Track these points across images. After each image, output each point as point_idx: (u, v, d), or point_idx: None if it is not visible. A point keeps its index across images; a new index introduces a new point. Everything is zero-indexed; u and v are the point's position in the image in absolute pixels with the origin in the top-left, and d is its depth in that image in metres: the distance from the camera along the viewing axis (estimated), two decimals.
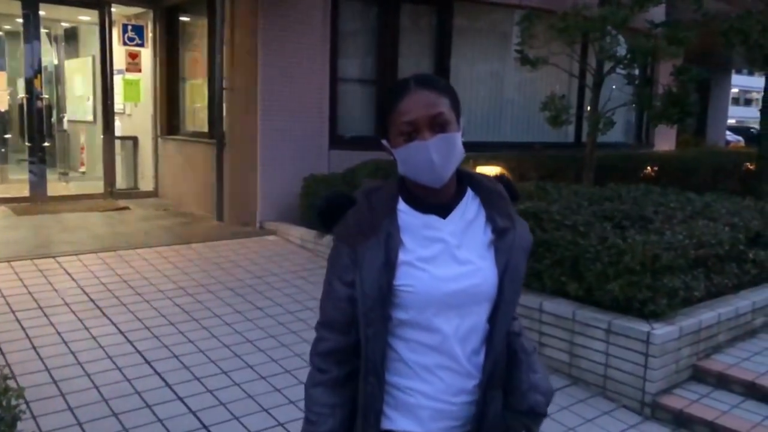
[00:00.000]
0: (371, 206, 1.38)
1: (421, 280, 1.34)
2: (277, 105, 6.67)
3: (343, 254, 1.38)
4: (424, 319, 1.36)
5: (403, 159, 1.36)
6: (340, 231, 1.40)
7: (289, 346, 4.07)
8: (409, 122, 1.33)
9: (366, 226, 1.35)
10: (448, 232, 1.38)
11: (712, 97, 15.66)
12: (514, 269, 1.40)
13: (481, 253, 1.40)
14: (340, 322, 1.41)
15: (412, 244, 1.36)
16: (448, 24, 7.76)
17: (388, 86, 7.35)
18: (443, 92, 1.36)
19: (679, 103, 5.85)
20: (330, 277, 1.42)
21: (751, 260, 4.54)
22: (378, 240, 1.34)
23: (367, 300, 1.34)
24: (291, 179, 6.61)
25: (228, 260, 5.66)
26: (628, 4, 6.11)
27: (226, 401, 3.36)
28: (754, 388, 3.60)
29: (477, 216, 1.42)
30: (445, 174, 1.35)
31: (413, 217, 1.38)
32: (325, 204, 1.44)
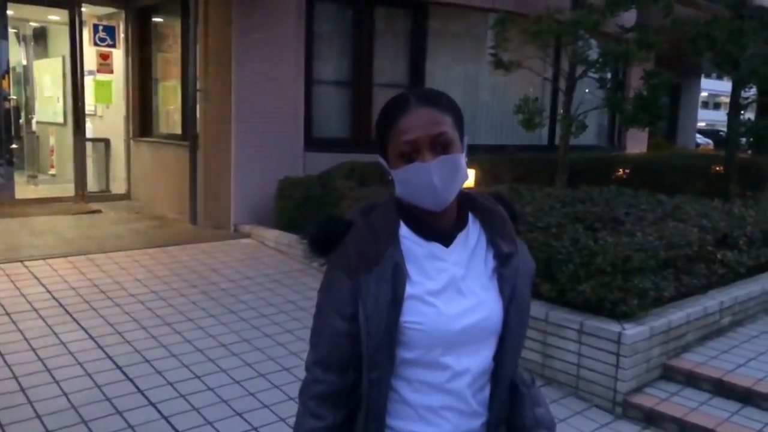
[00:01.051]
0: (373, 231, 1.25)
1: (430, 316, 1.22)
2: (251, 107, 6.63)
3: (341, 285, 1.24)
4: (431, 358, 1.24)
5: (402, 181, 1.25)
6: (338, 259, 1.26)
7: (263, 349, 4.04)
8: (409, 142, 1.22)
9: (369, 255, 1.22)
10: (452, 262, 1.27)
11: (682, 101, 15.96)
12: (520, 298, 1.30)
13: (484, 284, 1.29)
14: (337, 361, 1.26)
15: (418, 275, 1.24)
16: (422, 27, 7.79)
17: (361, 91, 7.43)
18: (446, 110, 1.25)
19: (649, 107, 5.95)
20: (325, 310, 1.27)
21: (719, 261, 4.63)
22: (383, 271, 1.21)
23: (373, 341, 1.21)
24: (266, 181, 6.57)
25: (202, 263, 5.61)
26: (599, 8, 6.20)
27: (199, 406, 3.32)
28: (721, 386, 3.67)
29: (478, 242, 1.31)
30: (447, 198, 1.25)
31: (417, 244, 1.27)
32: (319, 230, 1.30)
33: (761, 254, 5.07)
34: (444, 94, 1.30)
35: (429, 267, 1.25)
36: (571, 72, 6.32)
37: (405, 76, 7.81)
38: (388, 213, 1.29)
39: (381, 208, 1.30)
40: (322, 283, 1.31)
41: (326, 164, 6.59)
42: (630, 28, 6.27)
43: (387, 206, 1.30)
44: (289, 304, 4.80)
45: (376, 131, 1.30)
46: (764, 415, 3.45)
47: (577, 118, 6.28)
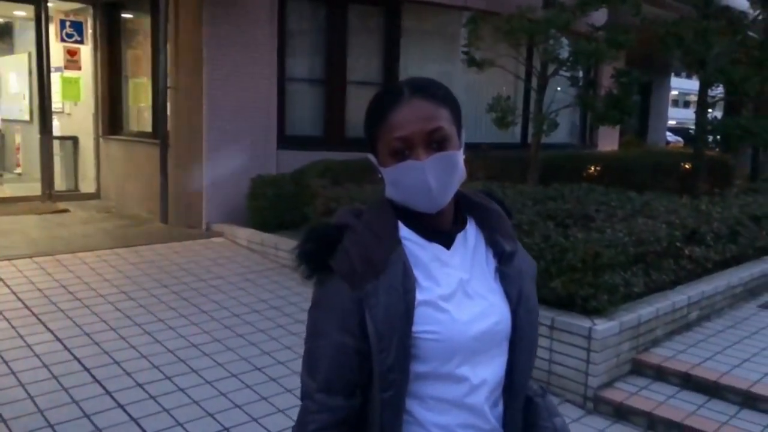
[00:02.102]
0: (374, 233, 1.13)
1: (444, 324, 1.11)
2: (223, 104, 6.56)
3: (343, 296, 1.10)
4: (446, 370, 1.12)
5: (394, 181, 1.14)
6: (338, 267, 1.11)
7: (235, 349, 4.00)
8: (402, 138, 1.11)
9: (375, 260, 1.10)
10: (457, 265, 1.17)
11: (652, 99, 16.20)
12: (527, 299, 1.21)
13: (490, 286, 1.19)
14: (344, 384, 1.11)
15: (426, 280, 1.13)
16: (396, 25, 7.78)
17: (335, 89, 7.40)
18: (442, 102, 1.15)
19: (619, 105, 6.03)
20: (324, 327, 1.12)
21: (687, 256, 4.72)
22: (392, 277, 1.09)
23: (388, 357, 1.08)
24: (238, 180, 6.51)
25: (173, 263, 5.53)
26: (570, 7, 6.26)
27: (169, 407, 3.28)
28: (689, 379, 3.73)
29: (477, 242, 1.21)
30: (443, 200, 1.15)
31: (420, 246, 1.16)
32: (310, 241, 1.15)
33: (727, 249, 5.18)
34: (441, 85, 1.18)
35: (436, 270, 1.15)
36: (543, 70, 6.38)
37: (379, 74, 7.80)
38: (385, 213, 1.17)
39: (375, 209, 1.18)
40: (315, 297, 1.16)
41: (300, 162, 6.56)
42: (600, 27, 6.34)
43: (381, 206, 1.18)
44: (261, 304, 4.76)
45: (366, 125, 1.19)
46: (730, 408, 3.52)
47: (549, 116, 6.34)
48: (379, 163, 1.17)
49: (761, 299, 5.30)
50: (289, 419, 3.24)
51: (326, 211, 5.34)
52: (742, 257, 5.46)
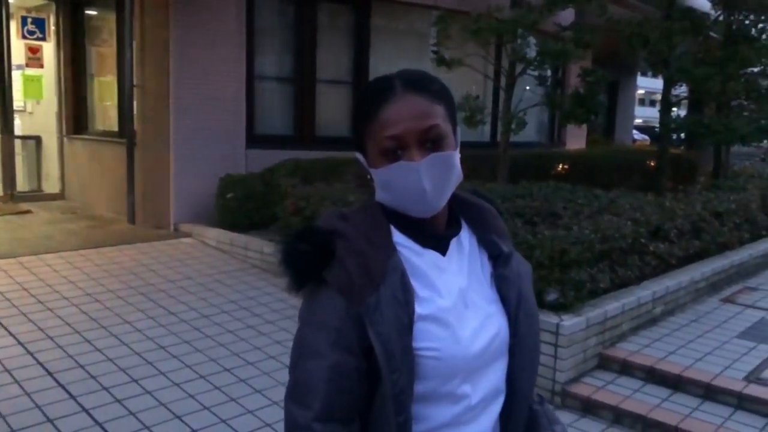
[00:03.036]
0: (368, 240, 1.03)
1: (445, 340, 1.02)
2: (190, 103, 6.48)
3: (339, 312, 0.99)
4: (446, 390, 1.03)
5: (384, 183, 1.05)
6: (332, 279, 1.00)
7: (204, 351, 3.95)
8: (393, 137, 1.02)
9: (373, 268, 1.00)
10: (454, 273, 1.08)
11: (619, 98, 16.48)
12: (526, 302, 1.12)
13: (487, 294, 1.11)
14: (343, 410, 1.00)
15: (424, 290, 1.04)
16: (366, 23, 7.78)
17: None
18: (437, 97, 1.06)
19: (586, 104, 6.12)
20: (318, 346, 1.00)
21: (652, 252, 4.81)
22: (393, 288, 1.00)
23: (400, 377, 0.98)
24: (206, 179, 6.43)
25: (140, 264, 5.45)
26: (538, 7, 6.33)
27: (136, 410, 3.23)
28: (653, 373, 3.81)
29: (471, 244, 1.13)
30: (438, 204, 1.06)
31: (415, 254, 1.07)
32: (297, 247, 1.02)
33: (690, 245, 5.29)
34: (436, 79, 1.09)
35: (435, 280, 1.05)
36: (511, 70, 6.43)
37: (348, 73, 7.78)
38: (375, 217, 1.07)
39: (363, 212, 1.08)
40: (305, 314, 1.04)
41: (269, 161, 6.51)
42: (567, 27, 6.42)
43: (371, 210, 1.08)
44: (231, 305, 4.72)
45: (354, 121, 1.11)
46: (692, 400, 3.60)
47: (517, 115, 6.40)
48: (369, 164, 1.08)
49: (723, 293, 5.44)
50: (259, 420, 3.22)
51: (296, 211, 5.32)
52: (705, 253, 5.59)
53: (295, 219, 5.32)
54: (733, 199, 6.45)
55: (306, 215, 5.21)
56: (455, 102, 1.13)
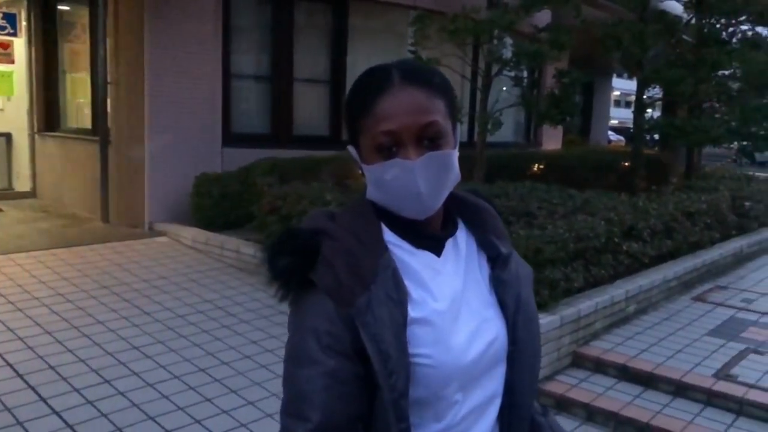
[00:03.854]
0: (357, 237, 0.97)
1: (439, 347, 0.95)
2: (165, 100, 6.41)
3: (330, 314, 0.93)
4: (437, 398, 0.97)
5: (377, 181, 0.99)
6: (320, 281, 0.94)
7: (178, 351, 3.91)
8: (389, 132, 0.96)
9: (363, 268, 0.94)
10: (450, 274, 1.02)
11: (595, 99, 16.67)
12: (526, 306, 1.06)
13: (484, 299, 1.05)
14: (345, 419, 0.92)
15: (417, 291, 0.98)
16: (343, 22, 7.76)
17: (281, 86, 7.32)
18: (438, 92, 0.99)
19: (561, 105, 6.18)
20: (311, 353, 0.92)
21: (625, 252, 4.88)
22: (385, 286, 0.94)
23: (399, 380, 0.91)
24: (182, 178, 6.37)
25: (114, 263, 5.37)
26: (514, 8, 6.37)
27: (107, 412, 3.18)
28: (626, 371, 3.86)
29: (469, 247, 1.07)
30: (433, 205, 1.00)
31: (408, 253, 1.01)
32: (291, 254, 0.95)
33: (663, 245, 5.38)
34: (437, 71, 1.03)
35: (429, 281, 0.99)
36: (487, 70, 6.47)
37: (326, 72, 7.76)
38: (365, 215, 1.01)
39: (352, 211, 1.03)
40: (294, 320, 0.98)
41: (246, 160, 6.46)
42: (543, 29, 6.48)
43: (360, 206, 1.03)
44: (206, 304, 4.68)
45: (346, 113, 1.03)
46: (664, 397, 3.66)
47: (494, 115, 6.44)
48: (361, 159, 1.02)
49: (694, 292, 5.54)
50: (234, 420, 3.19)
51: (272, 210, 5.29)
52: (677, 252, 5.69)
53: (271, 218, 5.30)
54: (704, 200, 6.57)
55: (282, 214, 5.19)
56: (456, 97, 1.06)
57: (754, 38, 8.13)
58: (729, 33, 8.33)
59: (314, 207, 4.99)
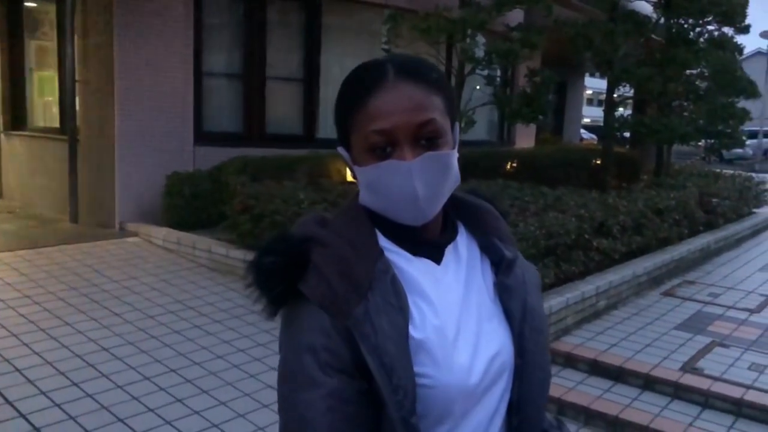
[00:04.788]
0: (351, 243, 0.90)
1: (441, 366, 0.87)
2: (135, 99, 6.32)
3: (325, 328, 0.85)
4: (441, 419, 0.89)
5: (371, 184, 0.92)
6: (315, 291, 0.86)
7: (149, 352, 3.87)
8: (383, 131, 0.88)
9: (358, 276, 0.87)
10: (451, 283, 0.95)
11: (567, 98, 16.86)
12: (533, 314, 0.98)
13: (488, 308, 0.97)
14: None
15: (416, 305, 0.90)
16: (316, 20, 7.73)
17: (253, 84, 7.28)
18: (435, 88, 0.92)
19: (533, 103, 6.25)
20: (310, 373, 0.84)
21: (596, 248, 4.95)
22: (384, 292, 0.87)
23: (406, 396, 0.84)
24: (153, 177, 6.29)
25: (83, 264, 5.29)
26: (487, 7, 6.41)
27: (76, 414, 3.13)
28: (596, 365, 3.92)
29: (470, 252, 1.00)
30: (431, 210, 0.92)
31: (405, 261, 0.93)
32: (270, 257, 0.88)
33: (633, 241, 5.47)
34: (434, 66, 0.96)
35: (429, 291, 0.92)
36: (461, 69, 6.51)
37: (299, 70, 7.73)
38: (358, 218, 0.94)
39: (344, 215, 0.96)
40: (284, 340, 0.90)
41: (218, 159, 6.41)
42: (514, 28, 6.53)
43: (352, 211, 0.96)
44: (177, 305, 4.63)
45: (337, 110, 0.96)
46: (632, 391, 3.72)
47: (467, 113, 6.48)
48: (353, 160, 0.94)
49: (663, 287, 5.64)
50: (206, 421, 3.17)
51: (245, 209, 5.26)
52: (646, 248, 5.79)
53: (243, 217, 5.26)
54: (673, 197, 6.69)
55: (255, 213, 5.15)
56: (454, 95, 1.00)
57: (720, 38, 8.30)
58: (696, 33, 8.49)
59: (287, 206, 4.97)
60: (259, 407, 3.32)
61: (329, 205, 4.97)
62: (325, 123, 7.94)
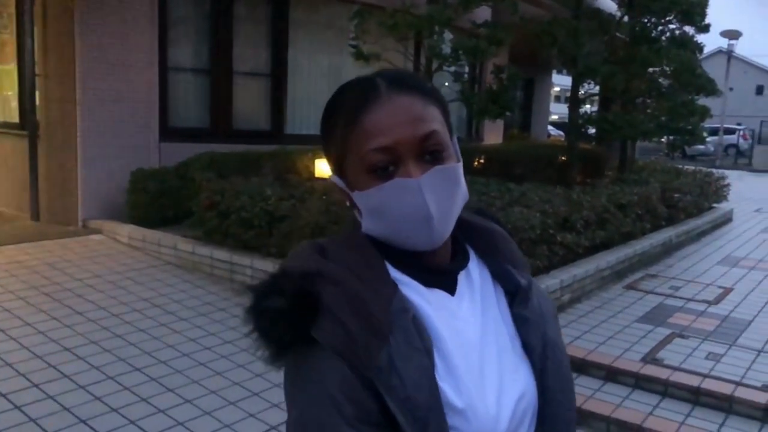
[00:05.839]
0: (361, 279, 0.81)
1: (467, 414, 0.79)
2: (98, 93, 6.20)
3: (344, 378, 0.75)
4: None
5: (374, 209, 0.83)
6: (332, 338, 0.76)
7: (113, 351, 3.81)
8: (385, 149, 0.81)
9: (377, 316, 0.77)
10: (467, 317, 0.86)
11: (535, 95, 17.05)
12: (554, 349, 0.90)
13: (506, 341, 0.88)
14: None
15: (435, 346, 0.82)
16: (284, 15, 7.69)
17: (220, 79, 7.21)
18: (431, 98, 0.86)
19: (499, 100, 6.31)
20: (335, 428, 0.74)
21: (560, 243, 5.03)
22: (407, 333, 0.78)
23: None
24: (117, 174, 6.19)
25: (44, 263, 5.18)
26: (453, 4, 6.45)
27: (36, 417, 3.08)
28: None
29: (483, 279, 0.91)
30: (445, 231, 0.84)
31: (418, 294, 0.84)
32: (289, 302, 0.77)
33: (596, 236, 5.58)
34: (424, 78, 0.92)
35: (445, 327, 0.82)
36: (428, 65, 6.53)
37: (267, 65, 7.68)
38: (364, 248, 0.85)
39: (346, 243, 0.86)
40: (295, 394, 0.79)
41: (184, 155, 6.33)
42: (480, 25, 6.58)
43: (353, 240, 0.87)
44: (142, 302, 4.57)
45: (324, 134, 0.88)
46: (595, 382, 3.80)
47: None
48: (350, 186, 0.85)
49: (626, 281, 5.76)
50: (171, 419, 3.14)
51: (211, 205, 5.21)
52: (610, 242, 5.90)
53: (210, 214, 5.21)
54: (636, 192, 6.83)
55: (221, 210, 5.12)
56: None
57: (681, 37, 8.48)
58: (659, 32, 8.66)
59: (253, 202, 4.94)
60: (226, 404, 3.30)
61: (297, 201, 4.95)
62: (293, 119, 7.91)
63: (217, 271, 5.08)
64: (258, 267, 4.81)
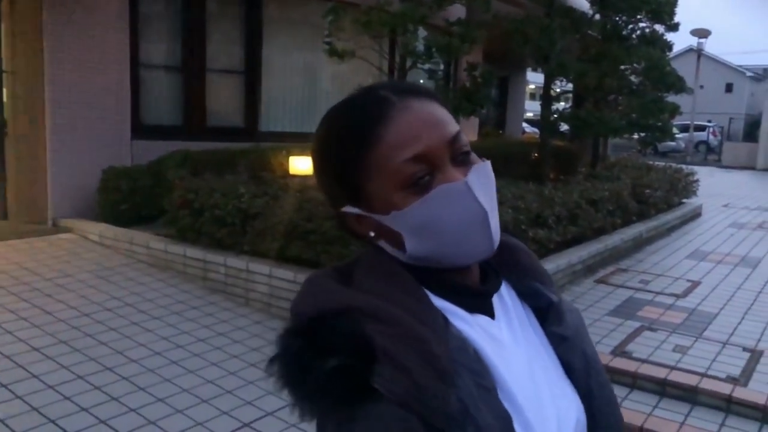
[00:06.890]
0: (409, 312, 0.71)
1: None
2: (68, 90, 6.11)
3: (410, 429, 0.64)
4: None
5: (423, 225, 0.74)
6: (395, 388, 0.65)
7: (83, 350, 3.77)
8: (420, 156, 0.73)
9: (438, 356, 0.68)
10: (510, 342, 0.79)
11: (510, 93, 17.18)
12: (595, 365, 0.85)
13: (547, 365, 0.82)
14: None
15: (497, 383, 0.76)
16: (258, 12, 7.65)
17: (193, 76, 7.15)
18: (438, 100, 0.80)
19: (472, 98, 6.35)
20: None
21: (532, 238, 5.08)
22: (471, 374, 0.70)
23: None
24: (88, 172, 6.11)
25: (12, 262, 5.10)
26: (427, 2, 6.47)
27: (4, 417, 3.04)
28: None
29: (511, 297, 0.85)
30: (498, 233, 0.77)
31: (463, 322, 0.76)
32: (346, 360, 0.66)
33: (568, 231, 5.65)
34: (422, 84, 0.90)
35: (495, 356, 0.75)
36: (402, 63, 6.55)
37: (240, 63, 7.63)
38: (399, 276, 0.75)
39: (375, 271, 0.77)
40: None
41: (157, 153, 6.27)
42: (453, 22, 6.62)
43: (383, 265, 0.77)
44: (114, 301, 4.53)
45: (332, 164, 0.78)
46: None
47: None
48: (373, 209, 0.76)
49: (597, 275, 5.85)
50: (142, 418, 3.12)
51: (184, 203, 5.17)
52: (581, 237, 5.98)
53: (183, 212, 5.18)
54: (607, 188, 6.94)
55: (194, 208, 5.08)
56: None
57: (651, 35, 8.62)
58: (629, 30, 8.80)
59: (227, 200, 4.91)
60: (198, 402, 3.29)
61: (271, 199, 4.94)
62: (267, 116, 7.87)
63: (190, 270, 5.05)
64: (231, 265, 4.79)
